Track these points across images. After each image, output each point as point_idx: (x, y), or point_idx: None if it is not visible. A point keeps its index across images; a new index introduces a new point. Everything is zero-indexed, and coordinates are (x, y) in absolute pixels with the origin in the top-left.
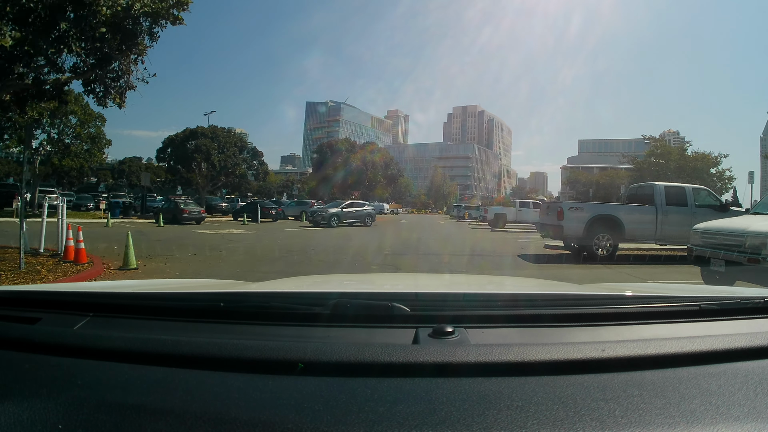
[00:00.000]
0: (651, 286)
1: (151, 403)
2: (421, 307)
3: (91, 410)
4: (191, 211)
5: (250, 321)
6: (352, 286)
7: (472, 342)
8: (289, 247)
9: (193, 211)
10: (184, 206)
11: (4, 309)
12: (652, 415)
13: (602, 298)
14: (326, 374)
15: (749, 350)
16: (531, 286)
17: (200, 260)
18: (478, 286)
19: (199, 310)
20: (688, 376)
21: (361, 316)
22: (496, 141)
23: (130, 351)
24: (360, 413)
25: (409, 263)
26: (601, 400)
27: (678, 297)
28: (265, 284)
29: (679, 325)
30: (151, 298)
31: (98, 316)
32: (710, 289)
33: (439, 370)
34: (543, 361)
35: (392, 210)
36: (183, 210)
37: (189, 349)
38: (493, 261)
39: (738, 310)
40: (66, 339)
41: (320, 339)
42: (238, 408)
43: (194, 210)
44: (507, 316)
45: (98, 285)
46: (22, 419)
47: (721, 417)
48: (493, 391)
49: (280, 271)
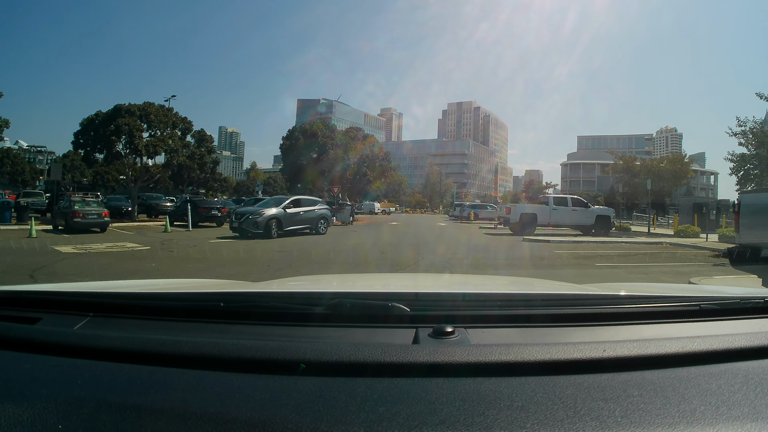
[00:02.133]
0: (651, 286)
1: (151, 403)
2: (421, 307)
3: (91, 410)
4: (87, 214)
5: (250, 321)
6: (352, 285)
7: (472, 342)
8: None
9: (90, 214)
10: (79, 208)
11: (4, 309)
12: (652, 415)
13: (602, 298)
14: (326, 374)
15: (749, 350)
16: (531, 287)
17: None
18: (478, 286)
19: (199, 310)
20: (688, 376)
21: (361, 315)
22: (492, 137)
23: (130, 351)
24: (360, 413)
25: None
26: (600, 400)
27: (678, 297)
28: (265, 284)
29: (679, 325)
30: (151, 298)
31: (98, 316)
32: (710, 289)
33: (439, 370)
34: (543, 361)
35: (384, 209)
36: (75, 213)
37: (189, 349)
38: None
39: (738, 310)
40: (66, 339)
41: (320, 339)
42: (238, 408)
43: (92, 213)
44: (507, 316)
45: (98, 285)
46: (22, 419)
47: (721, 417)
48: (493, 391)
49: None
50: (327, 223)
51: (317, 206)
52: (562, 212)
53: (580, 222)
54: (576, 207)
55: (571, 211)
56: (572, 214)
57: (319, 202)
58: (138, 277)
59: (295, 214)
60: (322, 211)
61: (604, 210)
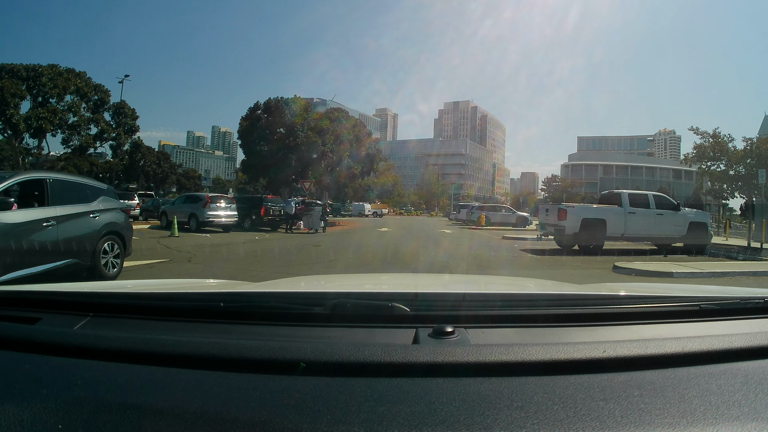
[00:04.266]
0: (651, 286)
1: (151, 403)
2: (421, 307)
3: (91, 410)
4: None
5: (250, 321)
6: (352, 286)
7: (472, 342)
8: None
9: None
10: None
11: (4, 309)
12: (652, 415)
13: (602, 298)
14: (326, 374)
15: (749, 350)
16: (531, 287)
17: None
18: (478, 286)
19: (199, 310)
20: (688, 376)
21: (361, 316)
22: (490, 138)
23: (130, 351)
24: (360, 413)
25: None
26: (601, 400)
27: (678, 297)
28: (265, 284)
29: (678, 325)
30: (151, 298)
31: (98, 316)
32: (710, 289)
33: (439, 370)
34: (543, 361)
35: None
36: None
37: (189, 349)
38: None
39: (738, 310)
40: (66, 339)
41: (320, 339)
42: (238, 408)
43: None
44: (507, 316)
45: (98, 285)
46: (22, 419)
47: (721, 417)
48: (493, 391)
49: None
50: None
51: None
52: (642, 217)
53: (666, 233)
54: (662, 210)
55: (655, 215)
56: (656, 221)
57: (225, 199)
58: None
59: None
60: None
61: (698, 215)
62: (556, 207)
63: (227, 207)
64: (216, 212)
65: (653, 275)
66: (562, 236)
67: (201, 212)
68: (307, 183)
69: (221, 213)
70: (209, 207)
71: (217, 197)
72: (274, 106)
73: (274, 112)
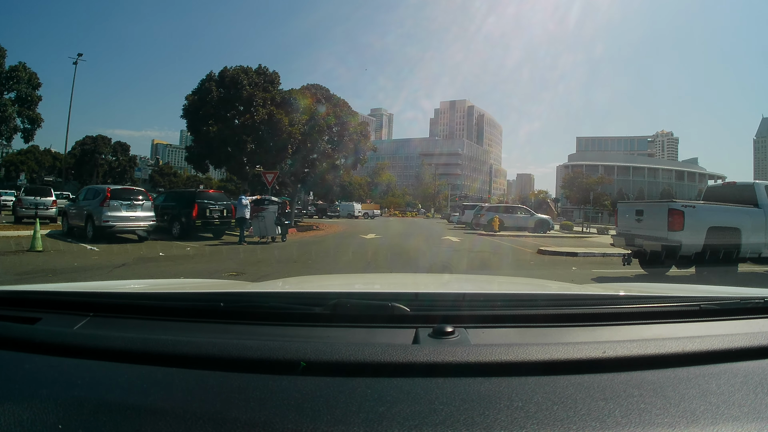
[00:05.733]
0: (651, 286)
1: (151, 403)
2: (421, 307)
3: (91, 410)
4: None
5: (250, 321)
6: (352, 286)
7: (472, 342)
8: None
9: None
10: None
11: (4, 309)
12: (652, 415)
13: (602, 298)
14: (326, 374)
15: (749, 350)
16: (531, 287)
17: None
18: (478, 286)
19: (199, 310)
20: (688, 376)
21: (361, 316)
22: (486, 138)
23: (130, 351)
24: (360, 413)
25: None
26: (601, 400)
27: (678, 297)
28: (265, 284)
29: (679, 325)
30: (150, 298)
31: (98, 316)
32: (710, 289)
33: (439, 370)
34: (543, 361)
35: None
36: None
37: (189, 349)
38: None
39: (738, 310)
40: (66, 339)
41: (320, 339)
42: (238, 408)
43: None
44: (507, 316)
45: (98, 285)
46: (22, 419)
47: (721, 417)
48: (493, 391)
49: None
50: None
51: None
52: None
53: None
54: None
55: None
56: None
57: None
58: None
59: None
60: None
61: None
62: (659, 208)
63: (139, 206)
64: (119, 213)
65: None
66: (674, 256)
67: (98, 213)
68: (270, 175)
69: (129, 214)
70: (109, 205)
71: (123, 191)
72: (231, 77)
73: (230, 84)
